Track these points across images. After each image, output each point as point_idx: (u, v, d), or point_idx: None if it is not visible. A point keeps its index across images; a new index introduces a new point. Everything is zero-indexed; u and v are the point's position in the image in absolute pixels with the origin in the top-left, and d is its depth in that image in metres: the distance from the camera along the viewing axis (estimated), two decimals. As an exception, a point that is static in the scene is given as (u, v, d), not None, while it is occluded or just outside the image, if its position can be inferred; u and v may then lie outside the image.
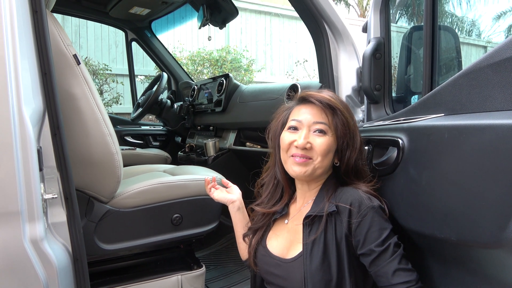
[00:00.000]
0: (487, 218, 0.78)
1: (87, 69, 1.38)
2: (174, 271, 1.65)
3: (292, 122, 1.12)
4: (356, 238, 1.01)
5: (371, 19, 1.48)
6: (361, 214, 1.00)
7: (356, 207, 1.01)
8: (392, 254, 0.98)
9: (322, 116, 1.09)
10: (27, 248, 1.00)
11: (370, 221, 1.00)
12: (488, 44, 4.80)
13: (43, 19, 1.10)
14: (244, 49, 7.61)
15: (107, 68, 5.96)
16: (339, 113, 1.09)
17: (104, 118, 1.38)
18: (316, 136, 1.08)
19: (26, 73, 1.04)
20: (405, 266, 0.97)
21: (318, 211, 1.07)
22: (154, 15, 2.99)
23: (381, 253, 0.98)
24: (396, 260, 0.97)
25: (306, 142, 1.07)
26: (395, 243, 0.99)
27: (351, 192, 1.06)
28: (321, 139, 1.07)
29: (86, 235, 1.39)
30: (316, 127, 1.08)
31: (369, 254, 0.99)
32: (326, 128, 1.08)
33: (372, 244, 0.99)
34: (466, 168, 0.83)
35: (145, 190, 1.55)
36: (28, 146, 1.00)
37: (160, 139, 3.29)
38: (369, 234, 0.99)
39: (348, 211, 1.02)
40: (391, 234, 1.01)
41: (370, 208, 1.01)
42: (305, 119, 1.10)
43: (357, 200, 1.02)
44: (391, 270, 0.96)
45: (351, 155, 1.09)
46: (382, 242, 0.98)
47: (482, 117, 0.82)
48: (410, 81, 1.54)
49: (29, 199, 1.00)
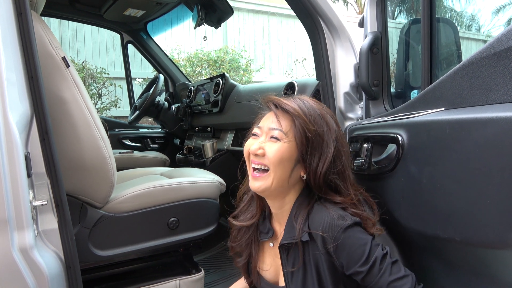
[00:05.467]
0: (493, 217, 0.74)
1: (78, 72, 1.35)
2: (172, 276, 1.61)
3: (254, 129, 1.08)
4: (339, 260, 0.95)
5: (367, 13, 1.45)
6: (335, 239, 0.94)
7: (329, 232, 0.94)
8: (380, 269, 0.92)
9: (278, 122, 1.02)
10: (16, 257, 0.98)
11: (347, 243, 0.94)
12: (487, 38, 4.76)
13: (28, 21, 1.07)
14: (242, 49, 7.58)
15: (104, 71, 5.94)
16: (298, 119, 1.00)
17: (96, 121, 1.35)
18: (270, 142, 1.02)
19: (12, 77, 1.01)
20: (397, 276, 0.92)
21: (291, 239, 1.01)
22: (149, 17, 2.97)
23: (368, 271, 0.92)
24: (387, 273, 0.91)
25: (258, 147, 1.01)
26: (381, 256, 0.93)
27: (320, 215, 0.98)
28: (274, 145, 1.00)
29: (80, 241, 1.36)
30: (271, 133, 1.02)
31: (357, 274, 0.94)
32: (280, 135, 1.01)
33: (356, 265, 0.93)
34: (469, 164, 0.80)
35: (140, 194, 1.52)
36: (14, 152, 0.97)
37: (158, 141, 3.27)
38: (350, 255, 0.94)
39: (321, 238, 0.96)
40: (373, 248, 0.94)
41: (343, 230, 0.93)
42: (264, 125, 1.05)
43: (327, 224, 0.95)
44: (384, 284, 0.91)
45: (318, 167, 0.99)
46: (366, 260, 0.92)
47: (484, 110, 0.78)
48: (409, 75, 1.51)
49: (17, 206, 0.98)
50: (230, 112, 2.38)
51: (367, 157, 1.22)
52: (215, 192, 1.70)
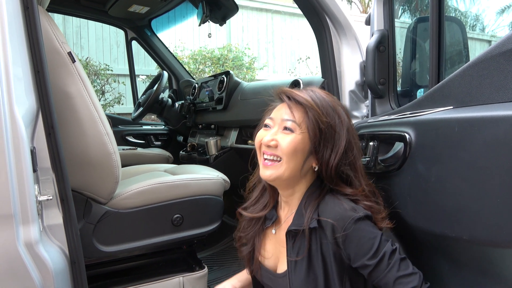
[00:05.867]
0: (502, 216, 0.73)
1: (83, 68, 1.35)
2: (175, 272, 1.62)
3: (266, 120, 1.08)
4: (346, 251, 0.95)
5: (374, 10, 1.44)
6: (345, 228, 0.94)
7: (339, 221, 0.95)
8: (388, 263, 0.92)
9: (292, 114, 1.02)
10: (21, 252, 0.98)
11: (357, 234, 0.93)
12: (492, 39, 4.73)
13: (35, 16, 1.07)
14: (246, 47, 7.57)
15: (108, 68, 5.94)
16: (312, 111, 1.00)
17: (101, 117, 1.35)
18: (283, 133, 1.02)
19: (18, 71, 1.01)
20: (405, 272, 0.91)
21: (299, 226, 1.01)
22: (154, 13, 2.96)
23: (376, 265, 0.92)
24: (395, 268, 0.91)
25: (271, 139, 1.02)
26: (390, 251, 0.93)
27: (332, 205, 0.98)
28: (288, 136, 1.01)
29: (84, 237, 1.36)
30: (284, 124, 1.02)
31: (364, 268, 0.94)
32: (293, 126, 1.01)
33: (364, 257, 0.92)
34: (479, 163, 0.79)
35: (145, 190, 1.52)
36: (20, 146, 0.97)
37: (161, 138, 3.26)
38: (359, 247, 0.93)
39: (331, 226, 0.95)
40: (383, 242, 0.94)
41: (354, 221, 0.94)
42: (276, 116, 1.05)
43: (339, 214, 0.95)
44: (391, 280, 0.91)
45: (330, 158, 1.00)
46: (375, 253, 0.92)
47: (494, 108, 0.77)
48: (415, 74, 1.50)
49: (23, 201, 0.98)
50: (234, 110, 2.38)
51: (373, 155, 1.22)
52: (219, 189, 1.70)
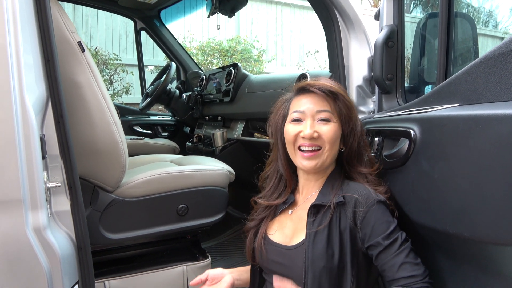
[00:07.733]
0: (504, 214, 0.74)
1: (92, 57, 1.36)
2: (179, 261, 1.64)
3: (294, 114, 1.10)
4: (362, 231, 1.01)
5: (384, 5, 1.43)
6: (367, 205, 1.00)
7: (363, 198, 1.02)
8: (399, 247, 0.96)
9: (324, 104, 1.08)
10: (30, 237, 1.00)
11: (377, 214, 1.00)
12: (505, 35, 4.65)
13: (46, 5, 1.08)
14: (255, 40, 7.53)
15: (117, 58, 5.95)
16: (341, 98, 1.08)
17: (109, 106, 1.36)
18: (322, 124, 1.07)
19: (29, 60, 1.03)
20: (412, 260, 0.95)
21: (324, 201, 1.06)
22: (163, 4, 2.96)
23: (388, 246, 0.97)
24: (403, 254, 0.95)
25: (313, 131, 1.06)
26: (403, 238, 0.98)
27: (356, 186, 1.07)
28: (327, 126, 1.07)
29: (91, 224, 1.39)
30: (320, 116, 1.08)
31: (376, 246, 0.98)
32: (330, 116, 1.08)
33: (379, 236, 0.98)
34: (483, 161, 0.79)
35: (151, 179, 1.54)
36: (30, 134, 0.99)
37: (168, 129, 3.28)
38: (376, 226, 0.99)
39: (354, 201, 1.02)
40: (397, 228, 1.00)
41: (376, 202, 1.01)
42: (308, 109, 1.08)
43: (364, 193, 1.03)
44: (398, 263, 0.95)
45: (354, 138, 1.10)
46: (389, 235, 0.98)
47: (500, 106, 0.77)
48: (424, 70, 1.49)
49: (32, 187, 1.00)
50: (241, 102, 2.38)
51: (378, 150, 1.22)
52: (224, 180, 1.71)
